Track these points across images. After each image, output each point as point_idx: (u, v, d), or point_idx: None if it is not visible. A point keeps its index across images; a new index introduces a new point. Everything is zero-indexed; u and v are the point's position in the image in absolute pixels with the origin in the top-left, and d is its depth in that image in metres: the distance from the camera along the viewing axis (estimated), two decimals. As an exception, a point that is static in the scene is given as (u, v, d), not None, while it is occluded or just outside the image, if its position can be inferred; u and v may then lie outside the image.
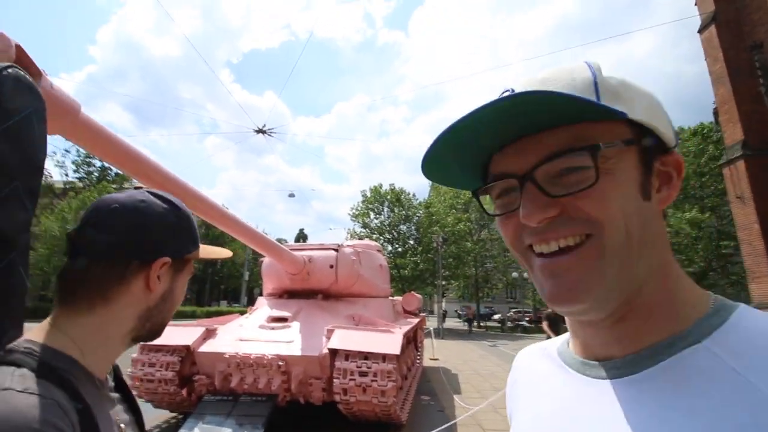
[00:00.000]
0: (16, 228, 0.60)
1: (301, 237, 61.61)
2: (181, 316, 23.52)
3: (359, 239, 18.64)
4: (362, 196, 28.05)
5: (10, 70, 0.65)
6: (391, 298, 7.10)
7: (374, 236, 25.85)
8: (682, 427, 0.32)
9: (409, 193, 28.06)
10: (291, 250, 5.26)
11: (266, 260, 5.63)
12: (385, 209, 27.52)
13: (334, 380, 3.79)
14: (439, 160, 0.44)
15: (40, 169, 0.67)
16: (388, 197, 27.32)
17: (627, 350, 0.40)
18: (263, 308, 5.22)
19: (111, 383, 0.67)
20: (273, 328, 4.54)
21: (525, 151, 0.40)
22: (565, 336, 0.53)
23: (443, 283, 25.85)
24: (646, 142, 0.40)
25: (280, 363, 3.98)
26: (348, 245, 5.95)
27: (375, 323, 5.01)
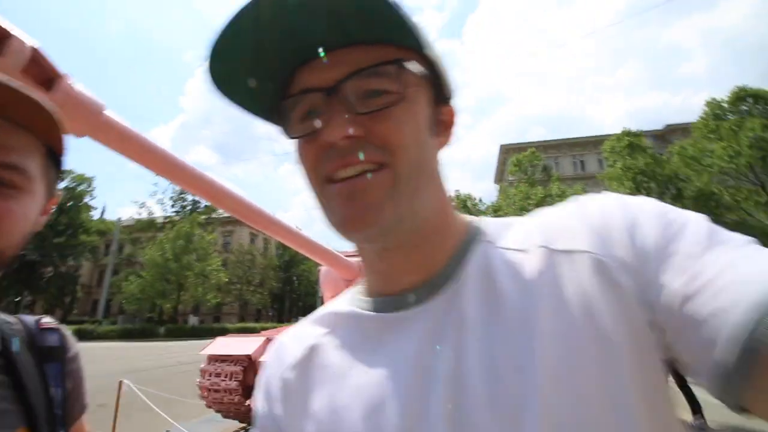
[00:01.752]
0: None
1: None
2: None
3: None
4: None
5: None
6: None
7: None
8: (502, 306, 0.39)
9: (474, 199, 27.31)
10: (346, 256, 5.19)
11: (323, 269, 5.59)
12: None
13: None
14: (232, 61, 0.40)
15: None
16: (453, 203, 26.53)
17: (432, 270, 0.45)
18: (323, 318, 5.15)
19: None
20: (331, 337, 4.42)
21: (331, 64, 0.40)
22: (349, 294, 0.52)
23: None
24: (437, 82, 0.44)
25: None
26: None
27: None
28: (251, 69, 0.41)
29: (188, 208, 39.43)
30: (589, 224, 0.41)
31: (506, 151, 36.83)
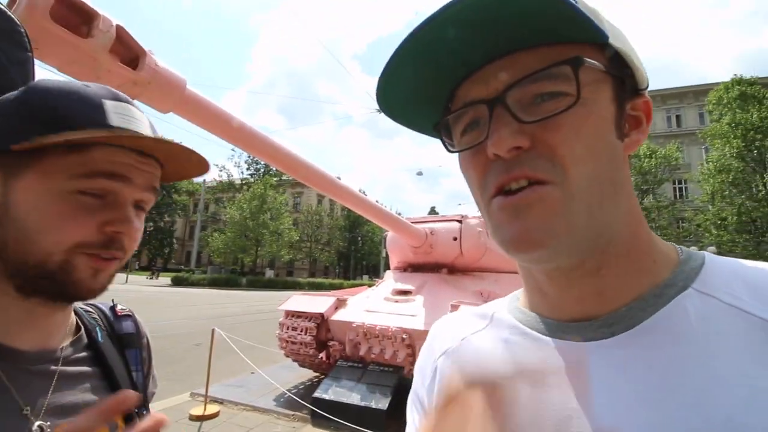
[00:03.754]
0: None
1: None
2: (331, 287, 26.66)
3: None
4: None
5: None
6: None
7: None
8: (701, 373, 0.31)
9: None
10: (413, 223, 5.17)
11: (390, 234, 5.67)
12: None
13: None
14: (397, 91, 0.40)
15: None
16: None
17: (611, 305, 0.37)
18: (388, 281, 5.28)
19: (80, 353, 0.53)
20: (397, 301, 4.54)
21: (495, 74, 0.36)
22: (508, 300, 0.48)
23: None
24: (623, 74, 0.38)
25: (404, 336, 3.95)
26: (474, 216, 5.55)
27: (506, 300, 4.54)
28: (417, 92, 0.41)
29: (261, 170, 42.09)
30: None
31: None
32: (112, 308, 0.65)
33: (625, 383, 0.33)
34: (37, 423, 0.43)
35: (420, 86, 0.40)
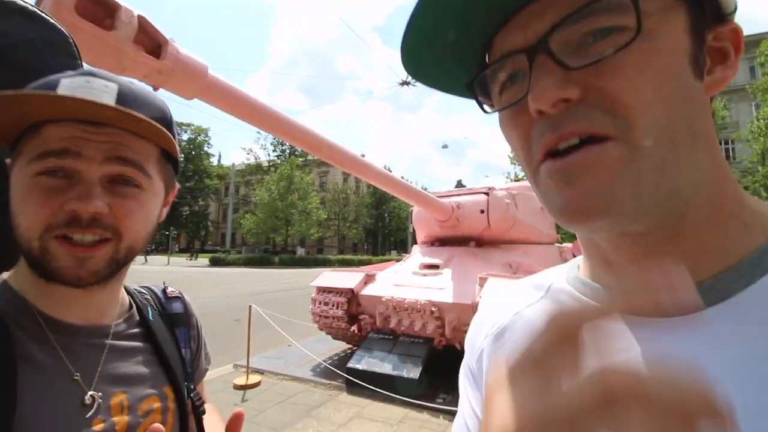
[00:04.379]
0: None
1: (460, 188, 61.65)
2: (360, 263, 27.14)
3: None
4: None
5: None
6: (558, 244, 6.27)
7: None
8: None
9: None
10: (438, 197, 5.13)
11: (416, 209, 5.67)
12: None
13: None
14: (424, 47, 0.35)
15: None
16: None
17: (699, 275, 0.31)
18: (416, 255, 5.32)
19: (132, 330, 0.58)
20: (425, 275, 4.58)
21: (536, 15, 0.30)
22: (567, 268, 0.43)
23: None
24: None
25: (433, 309, 4.00)
26: (501, 188, 5.43)
27: (535, 272, 4.48)
28: (446, 47, 0.35)
29: (287, 152, 42.64)
30: None
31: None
32: (164, 290, 0.70)
33: (711, 364, 0.28)
34: (90, 393, 0.48)
35: (449, 40, 0.35)
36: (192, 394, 0.61)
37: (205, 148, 46.92)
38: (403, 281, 4.55)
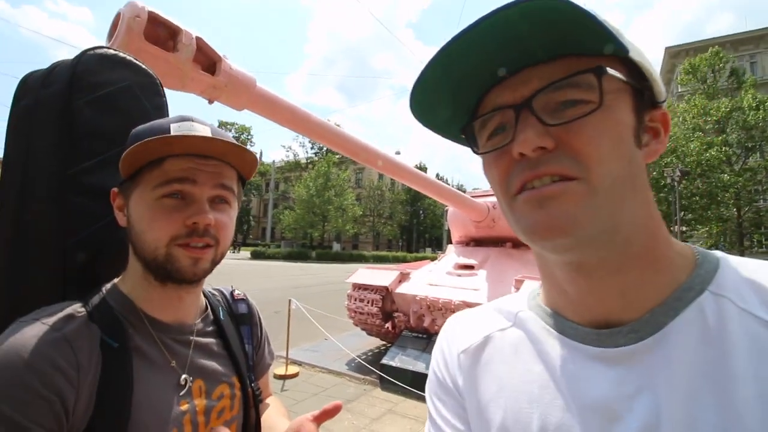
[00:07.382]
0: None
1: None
2: (395, 260, 27.19)
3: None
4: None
5: (91, 52, 0.70)
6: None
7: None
8: (721, 373, 0.33)
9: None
10: (473, 197, 5.09)
11: (451, 209, 5.65)
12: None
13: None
14: (429, 96, 0.43)
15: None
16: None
17: (635, 309, 0.39)
18: (450, 255, 5.32)
19: (208, 327, 0.68)
20: (459, 275, 4.58)
21: (522, 82, 0.39)
22: (527, 297, 0.50)
23: (683, 229, 20.31)
24: (642, 87, 0.40)
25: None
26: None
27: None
28: (447, 100, 0.44)
29: (324, 149, 43.50)
30: None
31: (674, 54, 29.00)
32: (231, 293, 0.81)
33: (656, 386, 0.35)
34: (183, 375, 0.60)
35: (450, 94, 0.43)
36: (252, 384, 0.71)
37: (248, 146, 48.97)
38: (438, 281, 4.58)
